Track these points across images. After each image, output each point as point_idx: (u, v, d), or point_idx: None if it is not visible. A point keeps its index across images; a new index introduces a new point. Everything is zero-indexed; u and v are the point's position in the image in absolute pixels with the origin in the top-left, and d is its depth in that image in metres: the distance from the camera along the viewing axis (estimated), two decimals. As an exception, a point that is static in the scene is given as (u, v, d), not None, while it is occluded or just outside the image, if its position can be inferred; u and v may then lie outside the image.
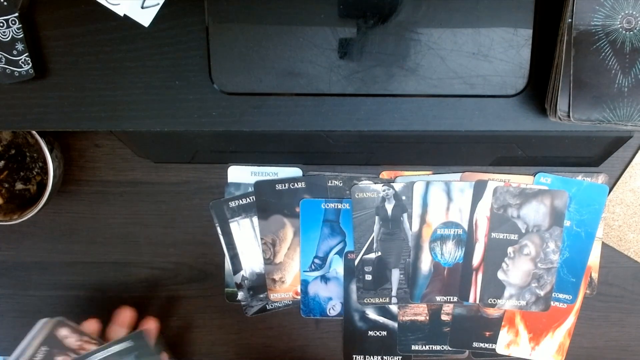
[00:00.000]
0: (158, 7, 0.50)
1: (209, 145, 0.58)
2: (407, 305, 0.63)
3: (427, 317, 0.63)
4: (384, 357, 0.64)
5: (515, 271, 0.61)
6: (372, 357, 0.64)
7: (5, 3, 0.48)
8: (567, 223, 0.60)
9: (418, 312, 0.63)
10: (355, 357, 0.65)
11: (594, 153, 0.58)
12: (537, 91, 0.51)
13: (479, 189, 0.60)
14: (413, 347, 0.64)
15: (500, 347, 0.64)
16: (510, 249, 0.60)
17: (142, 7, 0.50)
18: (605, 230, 0.62)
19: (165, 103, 0.52)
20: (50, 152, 0.55)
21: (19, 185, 0.61)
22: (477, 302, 0.62)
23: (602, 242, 0.62)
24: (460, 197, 0.60)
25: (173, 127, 0.52)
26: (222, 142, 0.58)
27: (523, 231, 0.60)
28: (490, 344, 0.64)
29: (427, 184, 0.60)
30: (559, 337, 0.63)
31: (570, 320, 0.63)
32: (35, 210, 0.56)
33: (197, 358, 0.67)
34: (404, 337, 0.64)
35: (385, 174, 0.60)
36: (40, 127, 0.53)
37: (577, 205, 0.60)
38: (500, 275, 0.61)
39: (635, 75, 0.46)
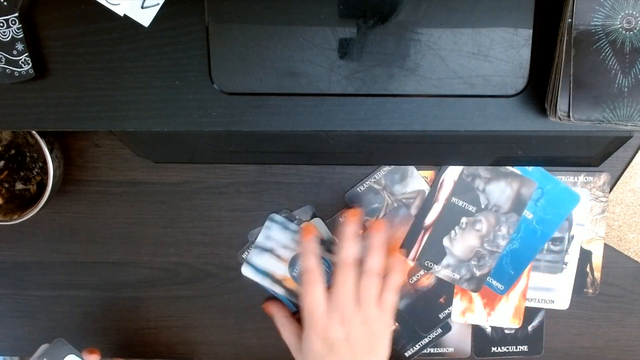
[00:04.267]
0: (158, 7, 0.50)
1: (209, 145, 0.58)
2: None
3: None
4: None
5: (461, 242, 0.61)
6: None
7: (5, 3, 0.48)
8: (529, 215, 0.60)
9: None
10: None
11: (594, 153, 0.58)
12: (537, 91, 0.51)
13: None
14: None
15: (456, 315, 0.63)
16: (464, 219, 0.60)
17: (142, 7, 0.50)
18: (606, 230, 0.62)
19: (165, 103, 0.52)
20: (50, 152, 0.55)
21: (19, 185, 0.61)
22: (415, 261, 0.62)
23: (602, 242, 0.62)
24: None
25: (173, 127, 0.52)
26: (222, 142, 0.58)
27: (482, 206, 0.60)
28: (447, 310, 0.63)
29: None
30: (514, 300, 0.62)
31: (523, 282, 0.62)
32: (35, 210, 0.56)
33: (197, 358, 0.67)
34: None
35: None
36: (40, 127, 0.53)
37: (545, 202, 0.60)
38: (445, 241, 0.61)
39: (635, 75, 0.46)
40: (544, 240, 0.61)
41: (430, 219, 0.61)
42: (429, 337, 0.64)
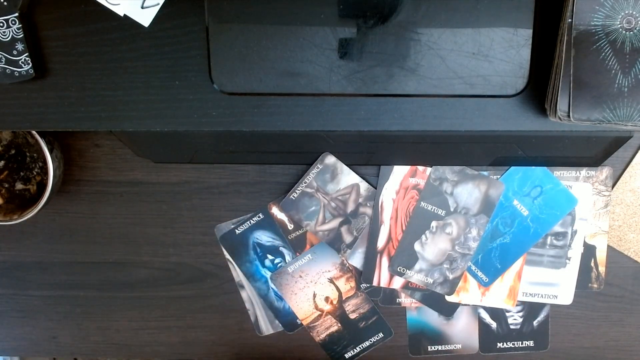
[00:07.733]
0: (158, 7, 0.50)
1: (209, 145, 0.58)
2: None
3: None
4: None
5: (432, 246, 0.61)
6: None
7: (5, 3, 0.48)
8: (525, 212, 0.60)
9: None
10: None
11: (594, 153, 0.58)
12: (537, 91, 0.51)
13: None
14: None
15: (450, 295, 0.63)
16: (434, 223, 0.60)
17: (142, 7, 0.50)
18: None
19: (165, 103, 0.52)
20: (50, 152, 0.55)
21: (19, 185, 0.61)
22: (388, 268, 0.62)
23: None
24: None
25: (173, 127, 0.52)
26: (222, 142, 0.58)
27: (451, 210, 0.60)
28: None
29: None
30: (509, 280, 0.62)
31: (519, 263, 0.62)
32: (35, 210, 0.56)
33: (197, 358, 0.67)
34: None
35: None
36: (40, 127, 0.53)
37: (543, 202, 0.60)
38: (416, 246, 0.61)
39: (635, 75, 0.46)
40: (535, 239, 0.61)
41: (381, 242, 0.61)
42: (370, 341, 0.65)
